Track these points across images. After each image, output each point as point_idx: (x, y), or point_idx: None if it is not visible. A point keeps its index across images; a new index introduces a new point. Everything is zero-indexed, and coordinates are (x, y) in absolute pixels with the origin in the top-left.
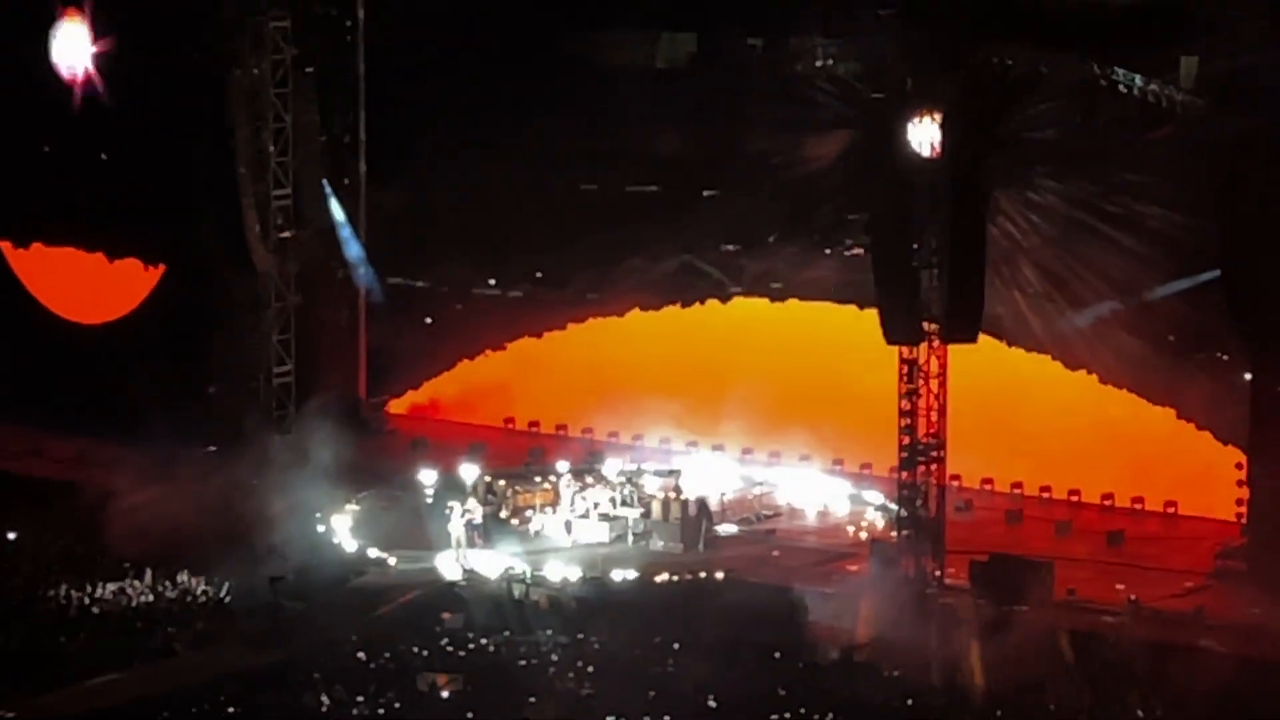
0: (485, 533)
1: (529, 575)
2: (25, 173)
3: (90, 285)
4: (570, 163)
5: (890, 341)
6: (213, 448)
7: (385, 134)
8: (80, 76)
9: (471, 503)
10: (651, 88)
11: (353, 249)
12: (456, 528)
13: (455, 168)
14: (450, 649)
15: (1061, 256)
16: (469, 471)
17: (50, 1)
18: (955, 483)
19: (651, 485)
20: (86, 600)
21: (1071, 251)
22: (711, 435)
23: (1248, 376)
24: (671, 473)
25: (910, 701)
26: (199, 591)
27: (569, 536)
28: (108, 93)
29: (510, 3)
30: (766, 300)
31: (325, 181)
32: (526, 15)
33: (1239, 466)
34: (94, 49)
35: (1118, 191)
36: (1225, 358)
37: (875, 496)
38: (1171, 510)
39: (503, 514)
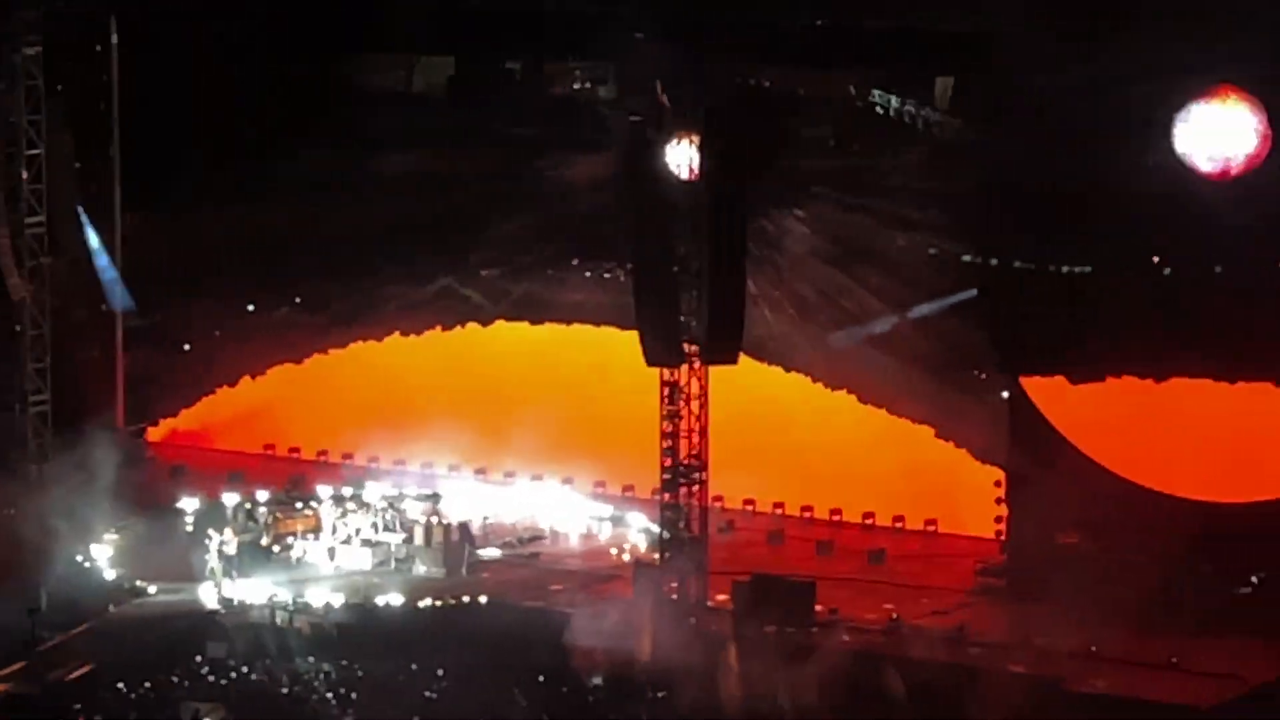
0: (239, 564)
1: (291, 603)
2: None
3: None
4: (329, 187)
5: (651, 363)
6: None
7: (142, 161)
8: None
9: (227, 533)
10: (409, 112)
11: (107, 272)
12: (212, 558)
13: (213, 194)
14: (212, 678)
15: (822, 278)
16: (229, 499)
17: None
18: (718, 504)
19: (413, 510)
20: None
21: (832, 273)
22: (474, 459)
23: (1005, 395)
24: (433, 497)
25: None
26: None
27: (331, 563)
28: None
29: (268, 28)
30: (528, 323)
31: (80, 209)
32: (284, 40)
33: (998, 484)
34: None
35: (878, 213)
36: (983, 377)
37: (638, 518)
38: (932, 528)
39: (264, 541)
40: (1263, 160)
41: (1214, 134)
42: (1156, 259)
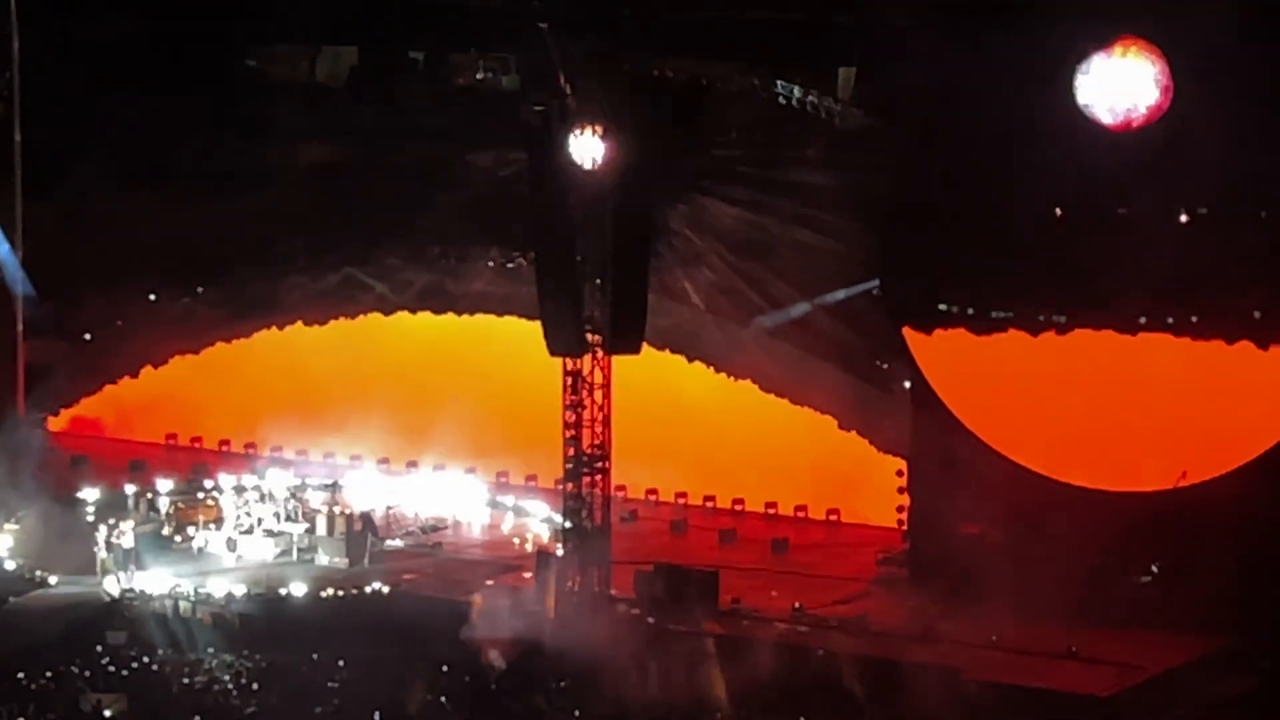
0: (137, 555)
1: (193, 593)
2: None
3: None
4: (232, 177)
5: (554, 353)
6: None
7: (44, 147)
8: None
9: (124, 525)
10: (311, 102)
11: (6, 257)
12: (101, 550)
13: (116, 182)
14: (113, 668)
15: (727, 268)
16: (130, 489)
17: None
18: (620, 493)
19: (316, 500)
20: None
21: (736, 263)
22: (376, 449)
23: (907, 385)
24: (335, 487)
25: (578, 712)
26: None
27: (233, 553)
28: None
29: (172, 18)
30: (431, 314)
31: None
32: (188, 30)
33: (900, 474)
34: None
35: (783, 203)
36: (885, 366)
37: (541, 508)
38: (834, 518)
39: (165, 531)
40: (1164, 112)
41: (1115, 86)
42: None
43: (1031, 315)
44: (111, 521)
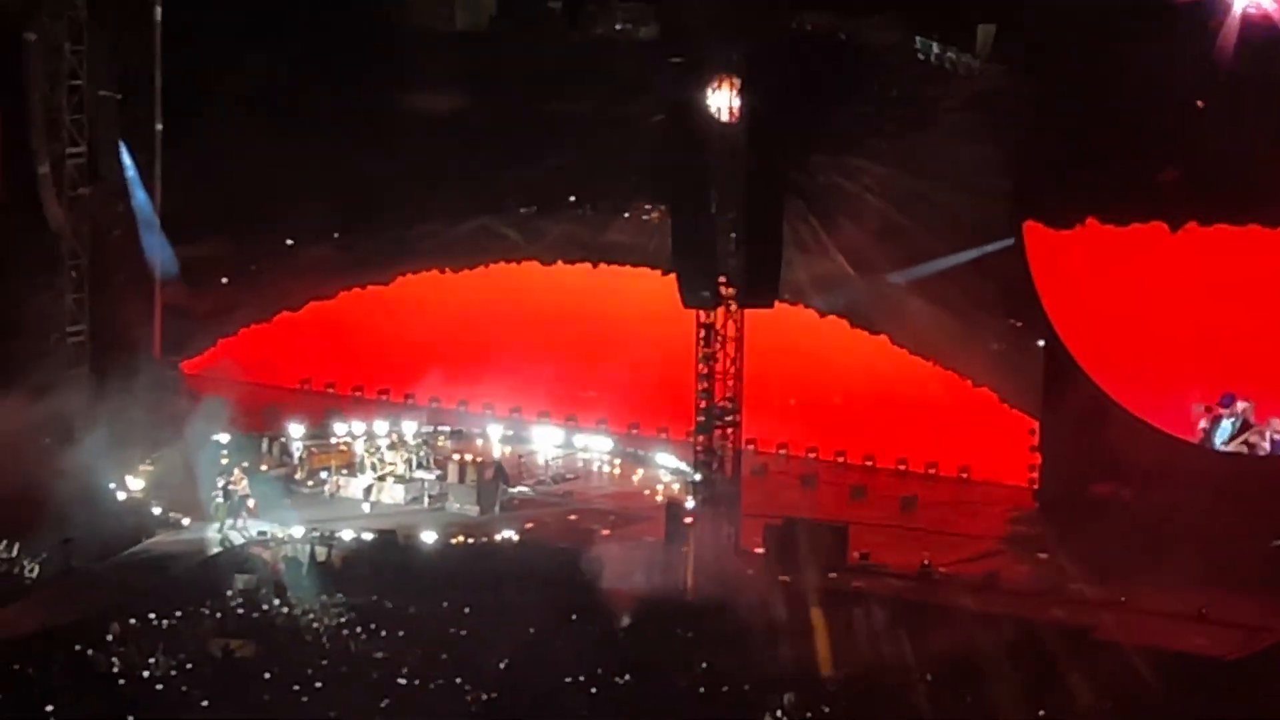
0: (250, 503)
1: (324, 538)
2: None
3: None
4: (369, 124)
5: (687, 305)
6: (4, 407)
7: (182, 93)
8: None
9: (240, 471)
10: (451, 49)
11: (146, 217)
12: (221, 495)
13: (253, 128)
14: (242, 611)
15: (859, 223)
16: (264, 433)
17: None
18: (751, 447)
19: (448, 447)
20: None
21: (872, 218)
22: (509, 398)
23: (1041, 343)
24: (468, 435)
25: (705, 664)
26: None
27: (364, 499)
28: None
29: None
30: (563, 263)
31: (121, 141)
32: None
33: (1032, 433)
34: None
35: (918, 159)
36: (1019, 324)
37: (671, 460)
38: (965, 475)
39: (297, 475)
40: None
41: None
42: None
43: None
44: (229, 467)
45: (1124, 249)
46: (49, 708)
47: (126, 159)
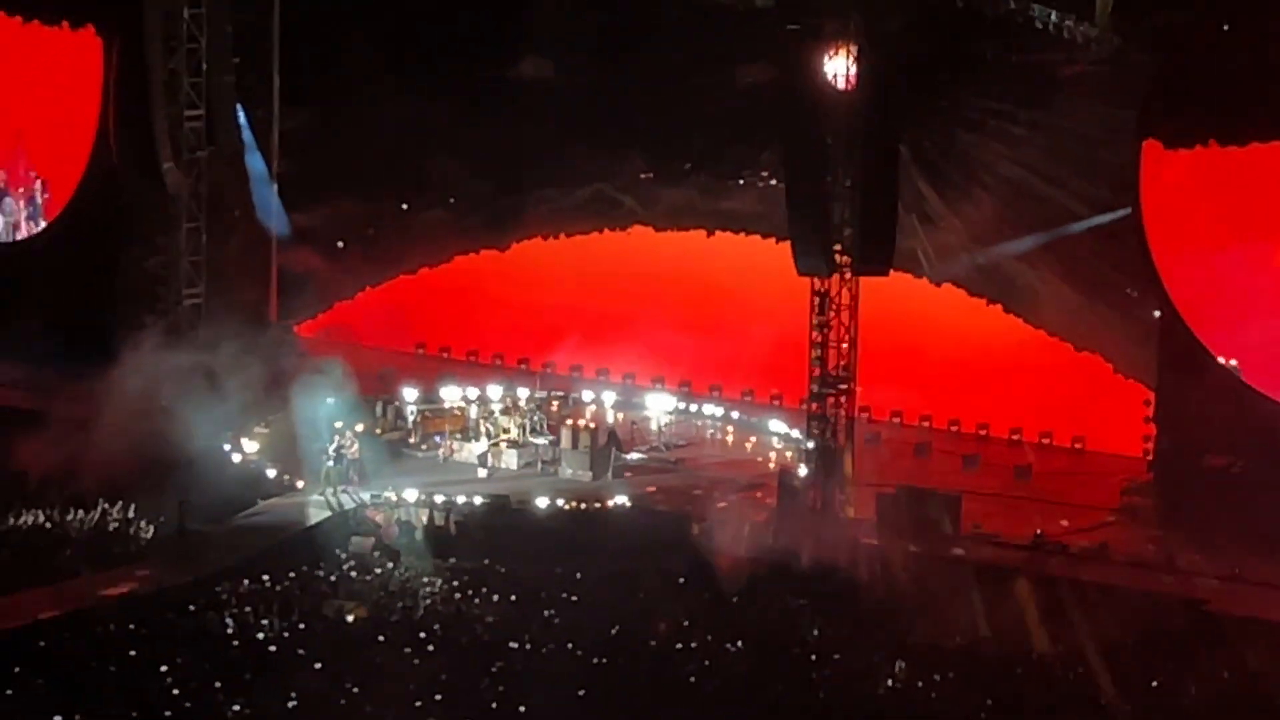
0: (360, 468)
1: (437, 502)
2: None
3: None
4: (486, 89)
5: (802, 272)
6: (122, 369)
7: (300, 56)
8: None
9: (350, 436)
10: (562, 16)
11: (262, 179)
12: (331, 459)
13: (371, 91)
14: (355, 574)
15: (976, 191)
16: (378, 396)
17: None
18: (864, 415)
19: (561, 413)
20: None
21: (986, 186)
22: (623, 364)
23: (1157, 314)
24: (581, 401)
25: (816, 631)
26: (107, 514)
27: (478, 464)
28: None
29: None
30: (676, 230)
31: (238, 103)
32: None
33: (1147, 404)
34: None
35: (1037, 127)
36: (1135, 294)
37: (785, 428)
38: (1079, 445)
39: (411, 439)
40: None
41: None
42: None
43: None
44: (342, 431)
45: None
46: (163, 668)
47: (244, 122)
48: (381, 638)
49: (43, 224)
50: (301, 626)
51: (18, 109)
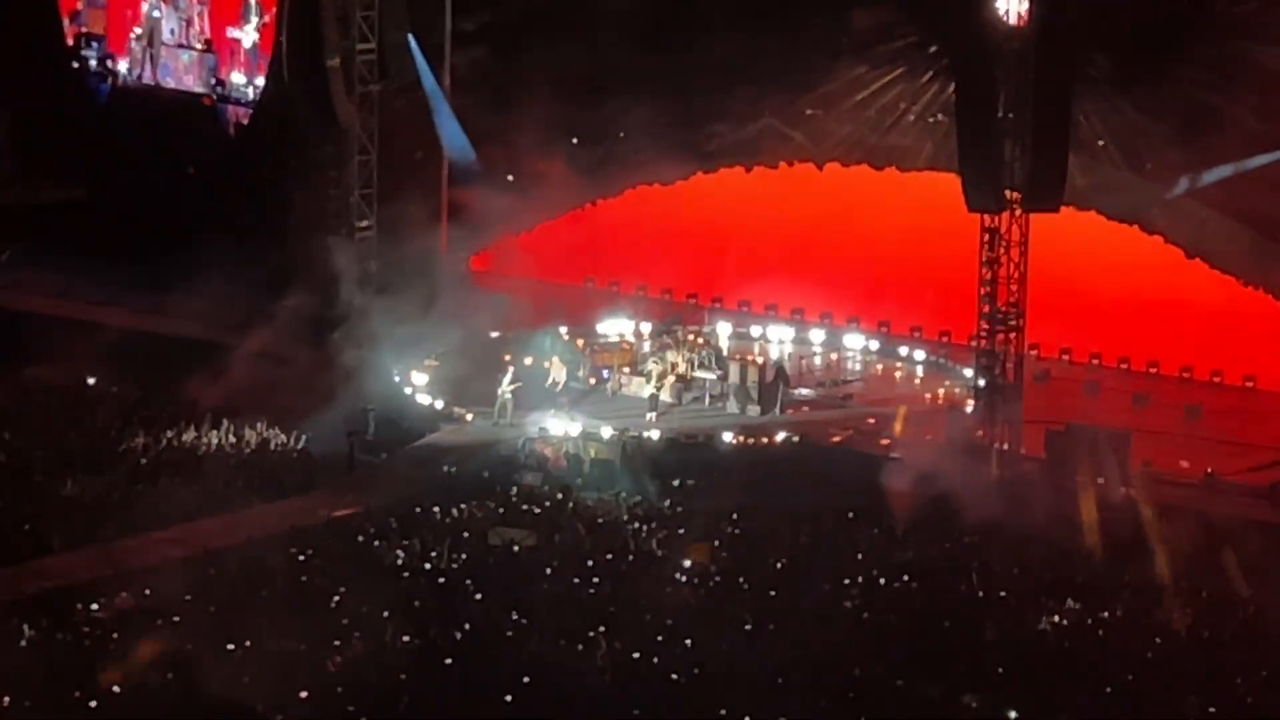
0: (527, 400)
1: (605, 435)
2: None
3: None
4: (656, 27)
5: (972, 209)
6: (293, 300)
7: None
8: None
9: (554, 363)
10: None
11: (440, 107)
12: (508, 391)
13: (542, 25)
14: (524, 506)
15: (1148, 129)
16: (549, 330)
17: None
18: (1033, 352)
19: (730, 348)
20: (162, 449)
21: (1158, 124)
22: (791, 300)
23: None
24: (750, 336)
25: (982, 568)
26: (276, 443)
27: (646, 398)
28: None
29: None
30: (840, 165)
31: (411, 37)
32: None
33: None
34: None
35: (1205, 64)
36: None
37: (953, 365)
38: (1250, 384)
39: (580, 373)
40: None
41: None
42: None
43: None
44: (513, 364)
45: None
46: (334, 597)
47: (418, 54)
48: (549, 569)
49: None
50: (470, 558)
51: None
